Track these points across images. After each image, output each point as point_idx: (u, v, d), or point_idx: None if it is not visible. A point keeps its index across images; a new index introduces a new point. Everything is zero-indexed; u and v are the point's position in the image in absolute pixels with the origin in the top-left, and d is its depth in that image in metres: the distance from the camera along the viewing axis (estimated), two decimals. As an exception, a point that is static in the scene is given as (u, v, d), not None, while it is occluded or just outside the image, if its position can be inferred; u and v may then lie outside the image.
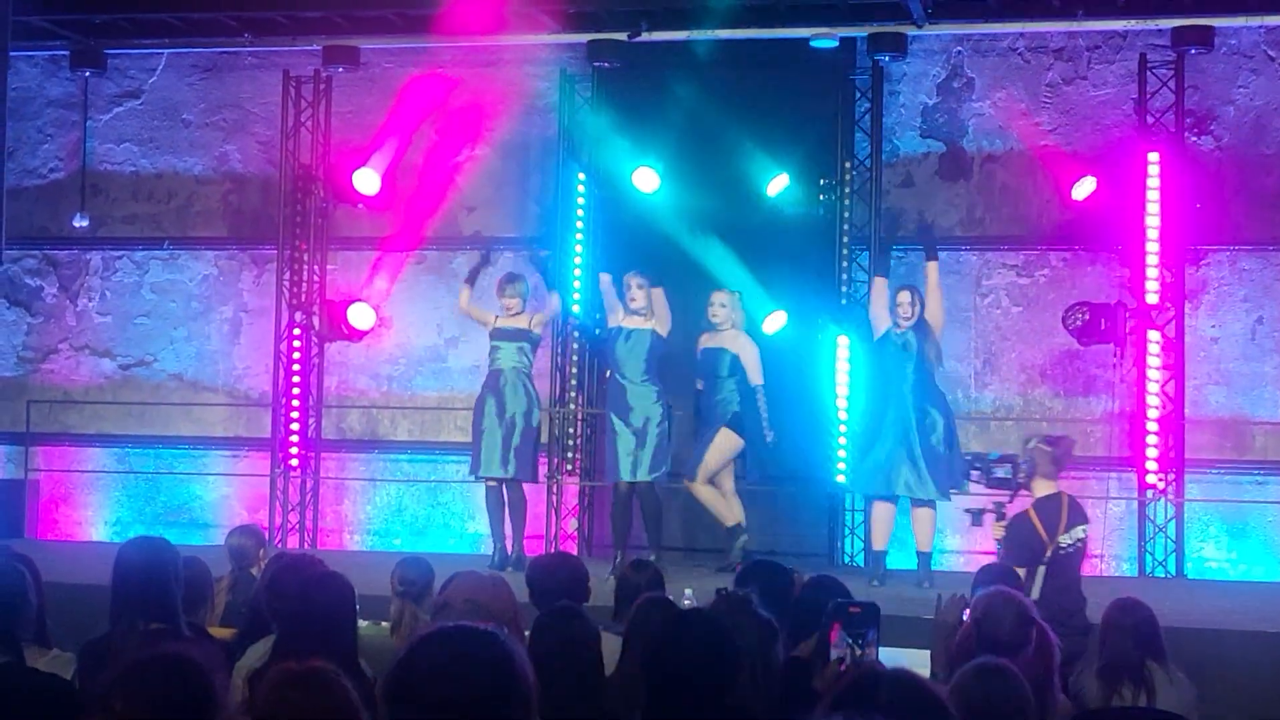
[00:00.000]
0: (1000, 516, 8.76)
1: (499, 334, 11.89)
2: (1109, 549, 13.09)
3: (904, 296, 11.41)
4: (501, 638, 3.14)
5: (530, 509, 12.30)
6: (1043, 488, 8.49)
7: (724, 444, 11.70)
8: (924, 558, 11.38)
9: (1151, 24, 13.09)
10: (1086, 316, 12.66)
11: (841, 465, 12.92)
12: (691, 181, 12.83)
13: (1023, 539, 8.39)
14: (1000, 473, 8.94)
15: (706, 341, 11.79)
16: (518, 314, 11.92)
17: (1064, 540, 8.31)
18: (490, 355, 11.96)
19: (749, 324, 11.91)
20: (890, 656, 7.22)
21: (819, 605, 5.98)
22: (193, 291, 15.04)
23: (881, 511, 11.47)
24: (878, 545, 11.48)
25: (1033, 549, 8.31)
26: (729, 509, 11.76)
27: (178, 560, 6.05)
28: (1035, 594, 8.04)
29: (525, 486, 11.90)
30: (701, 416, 11.88)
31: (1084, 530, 8.49)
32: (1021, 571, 8.22)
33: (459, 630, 3.17)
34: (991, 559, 8.63)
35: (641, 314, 11.58)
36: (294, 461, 14.07)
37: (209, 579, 7.60)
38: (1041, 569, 8.30)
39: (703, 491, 11.74)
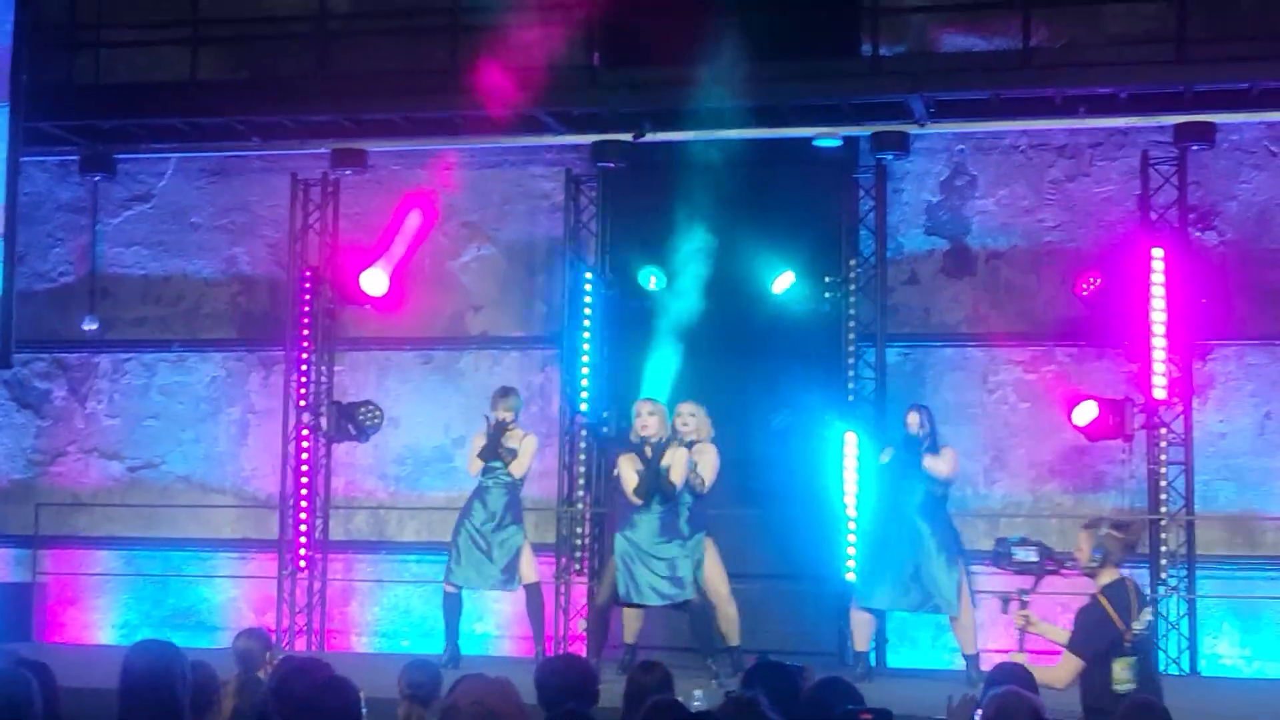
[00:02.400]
0: (1024, 604, 8.58)
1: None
2: (1120, 647, 13.00)
3: (913, 418, 11.56)
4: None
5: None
6: (1108, 575, 8.28)
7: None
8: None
9: (1153, 121, 13.16)
10: (1095, 413, 12.67)
11: (850, 563, 12.87)
12: (698, 280, 12.86)
13: (1096, 626, 8.18)
14: (1021, 555, 8.79)
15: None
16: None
17: (1137, 626, 8.12)
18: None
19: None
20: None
21: (828, 706, 5.95)
22: (201, 393, 15.07)
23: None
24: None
25: (1109, 637, 8.10)
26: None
27: (185, 664, 6.02)
28: (1126, 681, 7.86)
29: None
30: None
31: (1150, 613, 8.28)
32: (1079, 662, 8.03)
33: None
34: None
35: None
36: (302, 563, 14.04)
37: (215, 683, 7.54)
38: (1131, 659, 8.09)
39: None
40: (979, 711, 6.10)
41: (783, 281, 13.06)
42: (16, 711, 5.48)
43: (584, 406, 13.60)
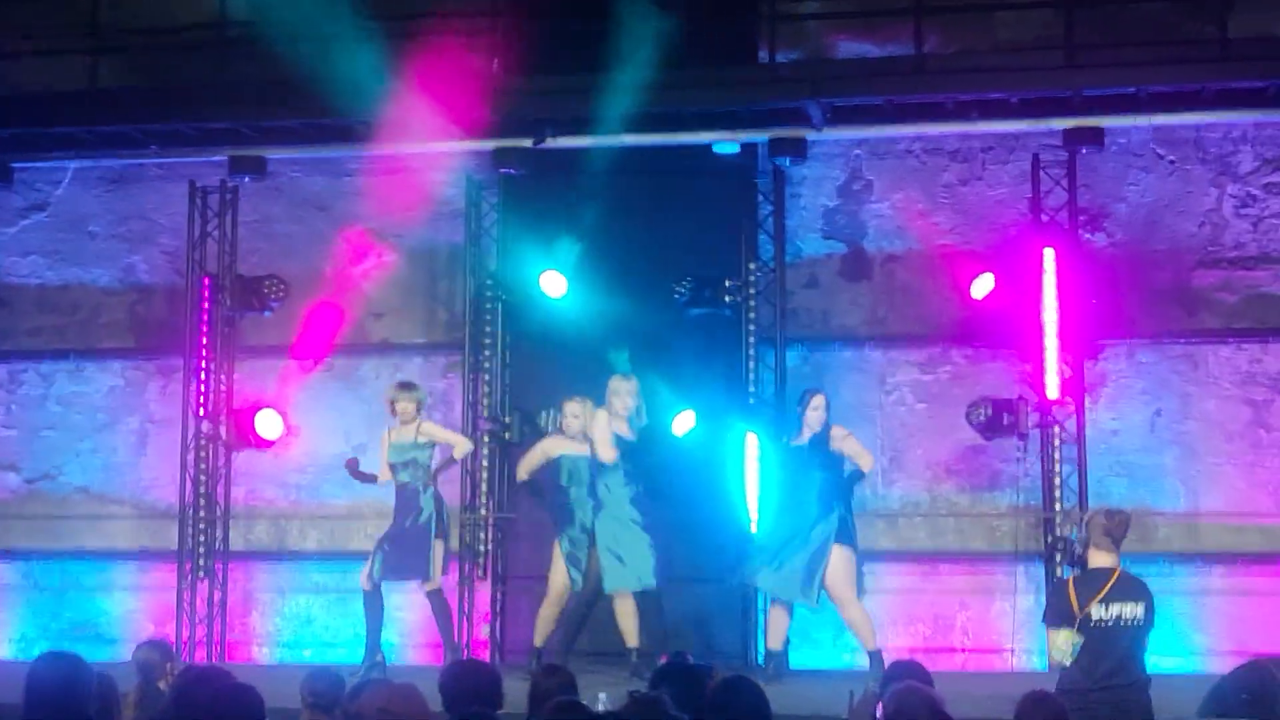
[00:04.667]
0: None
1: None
2: (1018, 643, 13.21)
3: (820, 400, 11.76)
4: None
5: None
6: (1097, 559, 8.41)
7: None
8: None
9: (1043, 125, 13.34)
10: (989, 412, 12.86)
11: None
12: (599, 285, 12.93)
13: (1056, 600, 8.42)
14: (1064, 531, 8.99)
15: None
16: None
17: (1098, 611, 8.24)
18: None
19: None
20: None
21: (732, 707, 6.03)
22: (99, 403, 14.94)
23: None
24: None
25: (1061, 611, 8.30)
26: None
27: (91, 676, 6.00)
28: (1062, 653, 8.13)
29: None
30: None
31: (1132, 609, 8.35)
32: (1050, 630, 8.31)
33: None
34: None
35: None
36: (201, 574, 13.94)
37: (116, 694, 7.52)
38: (1070, 632, 8.27)
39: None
40: (879, 708, 6.20)
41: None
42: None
43: (485, 412, 13.62)
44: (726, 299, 13.47)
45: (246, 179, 14.22)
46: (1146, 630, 8.39)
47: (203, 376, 14.09)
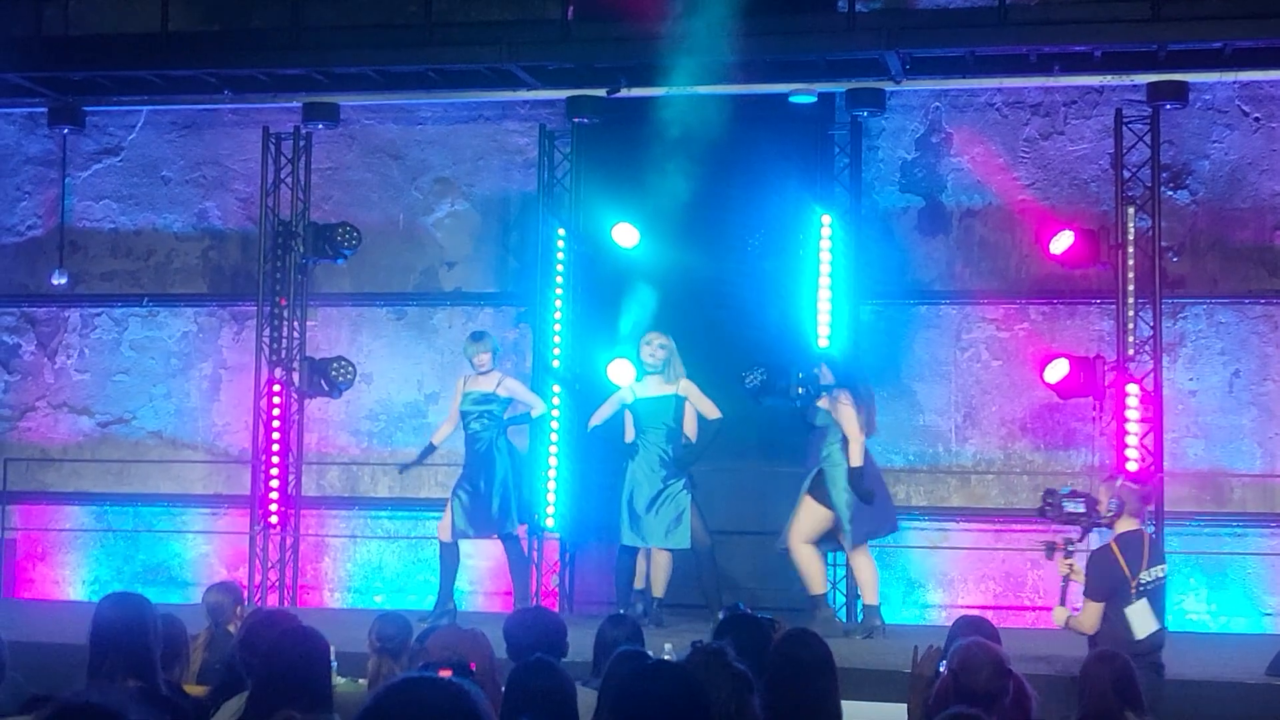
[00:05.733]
0: (1069, 554, 8.81)
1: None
2: (1089, 602, 13.08)
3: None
4: (466, 688, 3.13)
5: (508, 566, 12.38)
6: (1125, 524, 8.54)
7: None
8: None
9: (1127, 79, 13.16)
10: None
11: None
12: (672, 236, 12.85)
13: (1105, 571, 8.43)
14: (1071, 507, 9.00)
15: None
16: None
17: (1145, 577, 8.35)
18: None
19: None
20: (865, 712, 7.24)
21: (796, 659, 5.98)
22: (172, 349, 15.02)
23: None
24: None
25: (1114, 582, 8.32)
26: None
27: (155, 617, 6.02)
28: (1146, 627, 8.25)
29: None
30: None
31: (1163, 570, 8.51)
32: (1098, 606, 8.37)
33: (424, 681, 3.16)
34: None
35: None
36: (274, 519, 13.99)
37: (185, 636, 7.55)
38: (1143, 602, 8.33)
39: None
40: (944, 663, 6.13)
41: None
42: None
43: (556, 363, 13.58)
44: (801, 251, 13.35)
45: (320, 125, 14.21)
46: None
47: (275, 323, 14.12)
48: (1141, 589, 8.37)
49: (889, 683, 8.38)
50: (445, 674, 3.79)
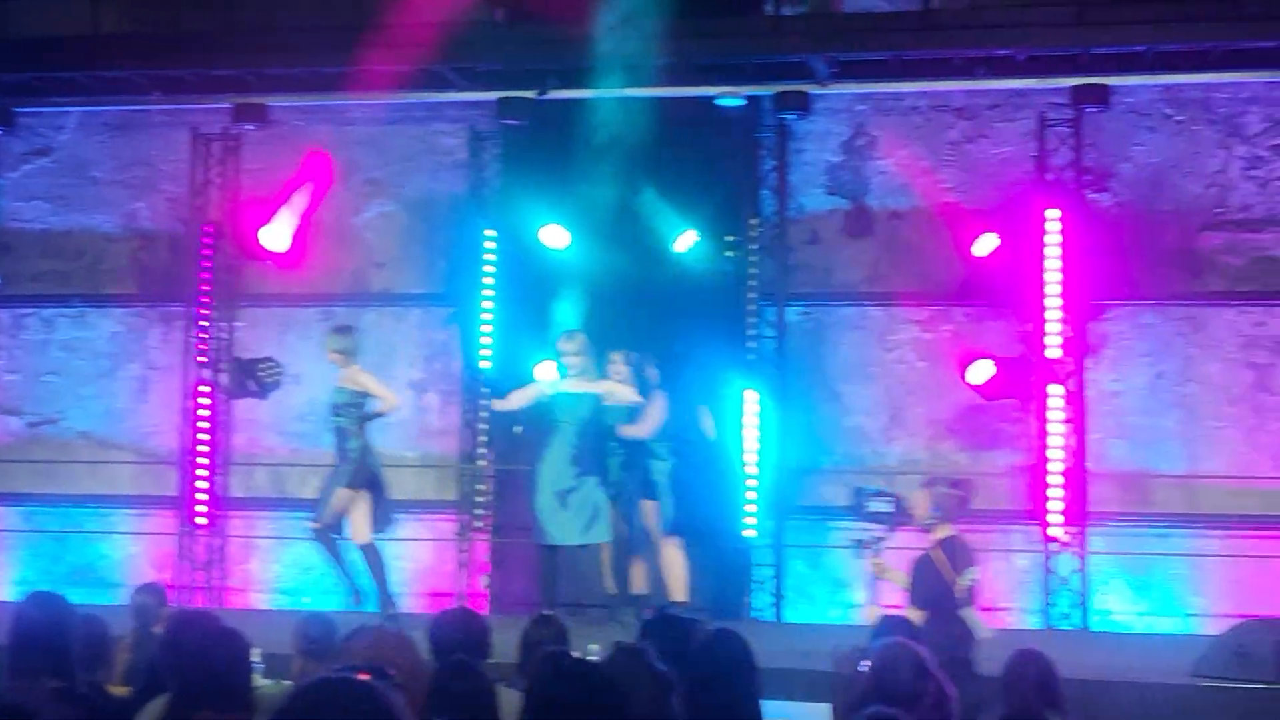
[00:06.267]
0: (876, 552, 8.93)
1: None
2: (1015, 602, 13.23)
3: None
4: (380, 688, 3.16)
5: (439, 565, 12.34)
6: (944, 530, 8.62)
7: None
8: None
9: (1050, 83, 13.28)
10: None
11: (751, 520, 13.00)
12: (600, 238, 12.90)
13: (927, 579, 8.49)
14: (875, 506, 9.10)
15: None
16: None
17: (963, 581, 8.44)
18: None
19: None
20: (787, 711, 7.31)
21: (716, 659, 6.04)
22: (101, 349, 14.95)
23: None
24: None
25: (937, 590, 8.41)
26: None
27: (75, 616, 6.02)
28: (984, 628, 8.35)
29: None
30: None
31: (976, 571, 8.63)
32: (920, 613, 8.42)
33: (338, 681, 3.19)
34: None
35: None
36: (201, 520, 13.97)
37: (108, 637, 7.54)
38: (969, 608, 8.38)
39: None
40: (865, 662, 6.19)
41: (685, 240, 13.12)
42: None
43: (486, 364, 13.60)
44: (728, 254, 13.44)
45: (250, 126, 14.18)
46: None
47: (204, 324, 14.09)
48: (964, 593, 8.46)
49: (811, 682, 8.45)
50: (363, 677, 3.82)
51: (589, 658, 7.07)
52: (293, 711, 3.13)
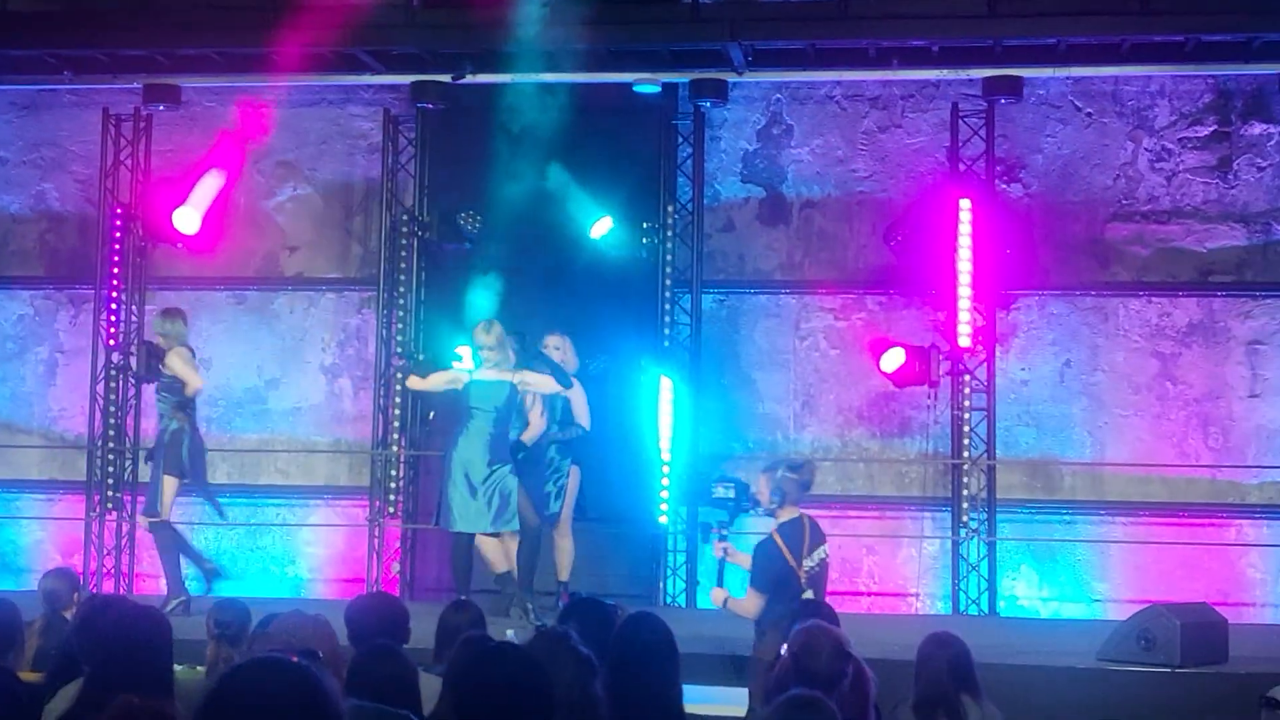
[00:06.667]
0: (722, 536, 9.07)
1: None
2: (924, 587, 13.36)
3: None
4: (312, 670, 3.15)
5: (351, 551, 12.28)
6: (787, 513, 8.75)
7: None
8: None
9: (963, 74, 13.41)
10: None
11: (664, 506, 13.03)
12: (516, 224, 12.85)
13: (768, 562, 8.62)
14: (720, 492, 9.25)
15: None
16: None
17: (809, 563, 8.56)
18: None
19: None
20: (707, 694, 7.34)
21: (637, 642, 6.05)
22: (7, 332, 14.74)
23: None
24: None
25: (778, 572, 8.53)
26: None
27: (-10, 602, 5.95)
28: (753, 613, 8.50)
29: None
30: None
31: (825, 551, 8.74)
32: (761, 595, 8.60)
33: (270, 662, 3.17)
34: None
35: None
36: (110, 505, 13.83)
37: (19, 622, 7.46)
38: (808, 593, 8.51)
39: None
40: (784, 646, 6.23)
41: (600, 226, 13.14)
42: None
43: (399, 349, 13.56)
44: (644, 240, 13.47)
45: (161, 107, 14.05)
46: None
47: (113, 307, 13.94)
48: (809, 575, 8.59)
49: (730, 666, 8.50)
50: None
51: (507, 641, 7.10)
52: (226, 694, 3.11)
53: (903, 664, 7.43)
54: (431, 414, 12.39)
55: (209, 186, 13.36)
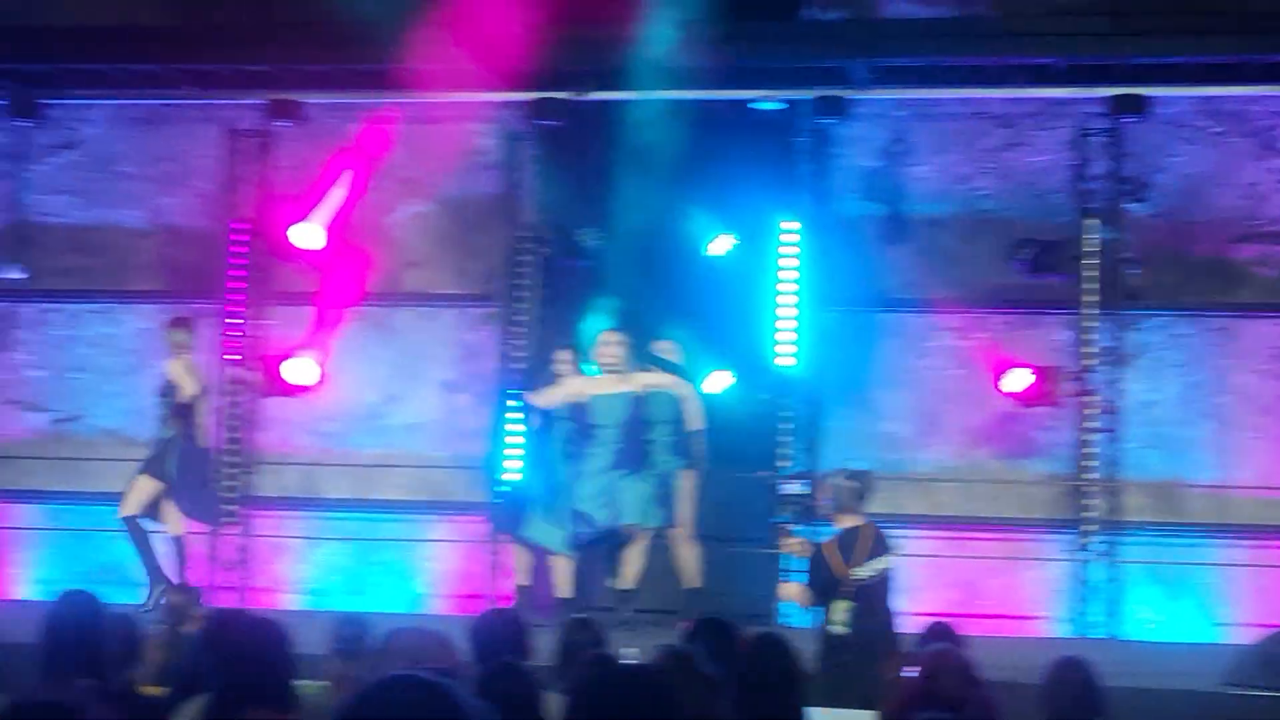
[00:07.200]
0: (791, 533, 9.11)
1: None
2: (1047, 610, 13.18)
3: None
4: (451, 687, 3.10)
5: (470, 567, 12.29)
6: (845, 520, 8.68)
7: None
8: None
9: (1088, 92, 13.23)
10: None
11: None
12: (635, 241, 12.83)
13: (816, 568, 8.66)
14: (787, 489, 9.28)
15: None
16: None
17: (862, 572, 8.46)
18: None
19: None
20: (832, 718, 7.24)
21: (763, 663, 5.99)
22: (127, 346, 14.88)
23: None
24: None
25: (827, 580, 8.44)
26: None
27: (109, 615, 5.97)
28: (842, 624, 8.46)
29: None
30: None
31: (886, 561, 8.65)
32: (812, 595, 8.69)
33: (408, 679, 3.13)
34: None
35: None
36: (230, 519, 13.92)
37: (139, 636, 7.49)
38: (848, 602, 8.47)
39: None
40: (913, 669, 6.16)
41: (719, 244, 13.08)
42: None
43: (519, 365, 13.55)
44: (762, 258, 13.39)
45: (283, 123, 14.14)
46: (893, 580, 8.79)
47: (235, 322, 14.04)
48: (861, 583, 8.47)
49: (856, 689, 8.39)
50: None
51: (628, 661, 7.04)
52: (366, 710, 3.06)
53: (1028, 687, 7.32)
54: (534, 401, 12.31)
55: (330, 202, 13.48)
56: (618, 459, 11.38)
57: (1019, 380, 12.77)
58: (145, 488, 12.23)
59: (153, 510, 12.35)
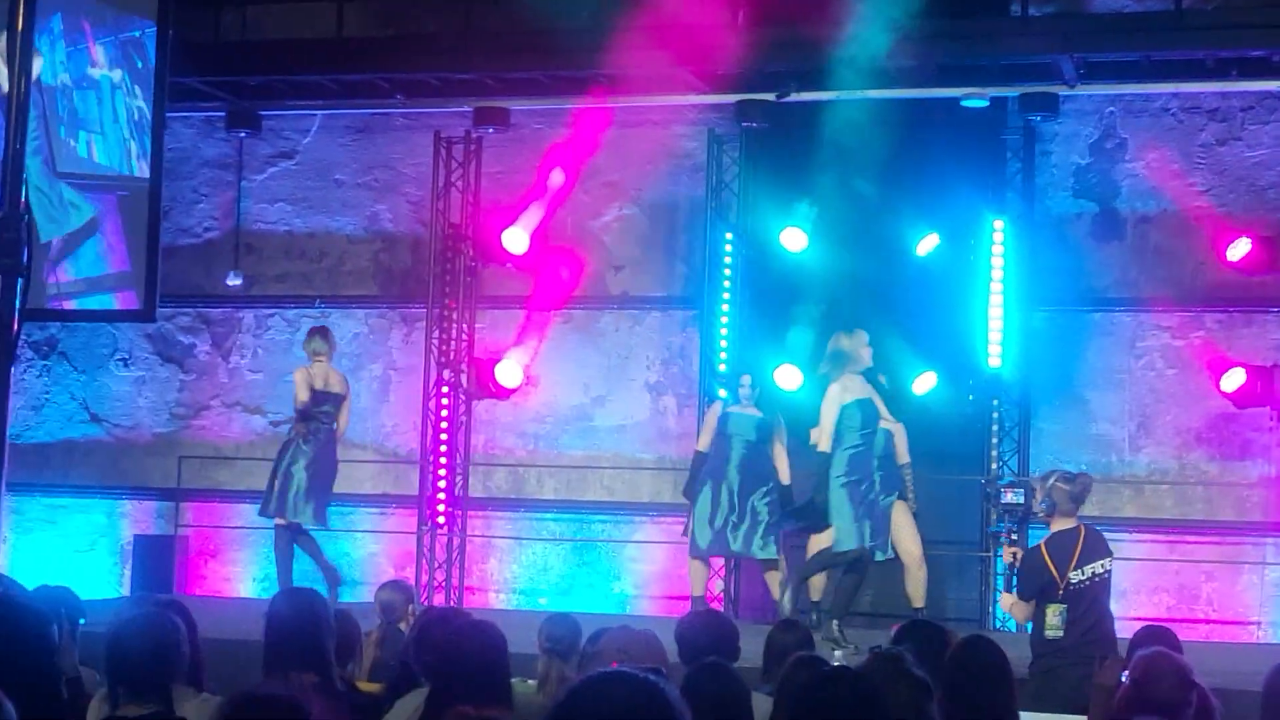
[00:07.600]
0: (1012, 541, 9.02)
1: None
2: (1264, 615, 12.84)
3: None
4: (663, 685, 3.12)
5: (676, 569, 12.32)
6: (1060, 523, 8.52)
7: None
8: None
9: (1303, 85, 12.90)
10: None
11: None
12: (840, 241, 12.78)
13: (1033, 572, 8.49)
14: (1007, 498, 9.09)
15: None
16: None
17: (1076, 575, 8.31)
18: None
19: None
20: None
21: (972, 664, 5.92)
22: (343, 349, 15.13)
23: None
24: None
25: (1042, 583, 8.36)
26: None
27: (330, 612, 6.08)
28: (1055, 628, 8.31)
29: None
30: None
31: (1105, 564, 8.46)
32: (1029, 605, 8.48)
33: (621, 676, 3.15)
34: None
35: None
36: (441, 519, 14.13)
37: (358, 633, 7.64)
38: (1061, 606, 8.36)
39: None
40: (1126, 673, 6.05)
41: (927, 243, 12.96)
42: (165, 653, 5.51)
43: (723, 367, 13.55)
44: (971, 258, 13.23)
45: (491, 130, 14.34)
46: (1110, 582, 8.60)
47: (444, 325, 14.26)
48: (1072, 588, 8.34)
49: (1068, 693, 8.26)
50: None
51: (835, 662, 7.01)
52: (579, 705, 3.10)
53: (1246, 694, 7.15)
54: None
55: (538, 207, 13.65)
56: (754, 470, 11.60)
57: (1235, 380, 12.47)
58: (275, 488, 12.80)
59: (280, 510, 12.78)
